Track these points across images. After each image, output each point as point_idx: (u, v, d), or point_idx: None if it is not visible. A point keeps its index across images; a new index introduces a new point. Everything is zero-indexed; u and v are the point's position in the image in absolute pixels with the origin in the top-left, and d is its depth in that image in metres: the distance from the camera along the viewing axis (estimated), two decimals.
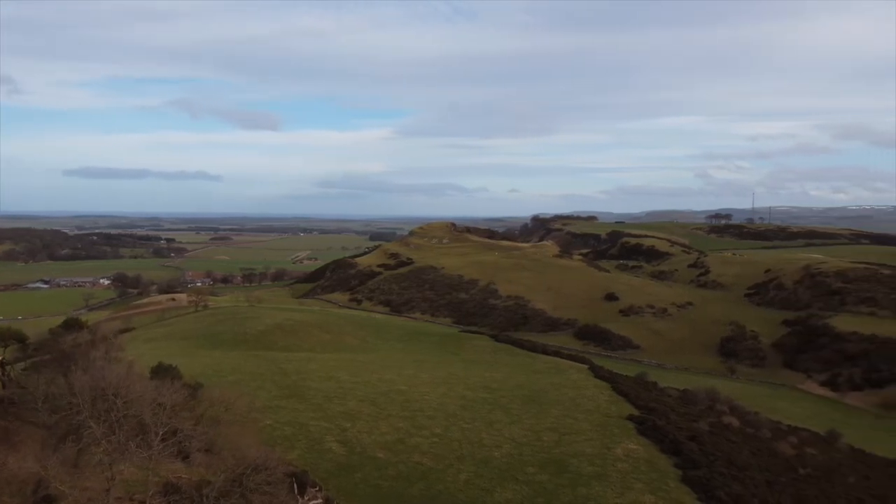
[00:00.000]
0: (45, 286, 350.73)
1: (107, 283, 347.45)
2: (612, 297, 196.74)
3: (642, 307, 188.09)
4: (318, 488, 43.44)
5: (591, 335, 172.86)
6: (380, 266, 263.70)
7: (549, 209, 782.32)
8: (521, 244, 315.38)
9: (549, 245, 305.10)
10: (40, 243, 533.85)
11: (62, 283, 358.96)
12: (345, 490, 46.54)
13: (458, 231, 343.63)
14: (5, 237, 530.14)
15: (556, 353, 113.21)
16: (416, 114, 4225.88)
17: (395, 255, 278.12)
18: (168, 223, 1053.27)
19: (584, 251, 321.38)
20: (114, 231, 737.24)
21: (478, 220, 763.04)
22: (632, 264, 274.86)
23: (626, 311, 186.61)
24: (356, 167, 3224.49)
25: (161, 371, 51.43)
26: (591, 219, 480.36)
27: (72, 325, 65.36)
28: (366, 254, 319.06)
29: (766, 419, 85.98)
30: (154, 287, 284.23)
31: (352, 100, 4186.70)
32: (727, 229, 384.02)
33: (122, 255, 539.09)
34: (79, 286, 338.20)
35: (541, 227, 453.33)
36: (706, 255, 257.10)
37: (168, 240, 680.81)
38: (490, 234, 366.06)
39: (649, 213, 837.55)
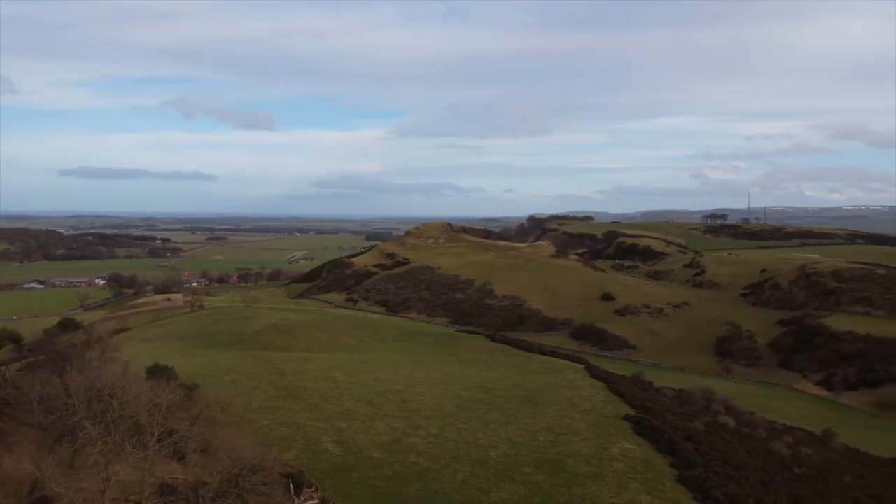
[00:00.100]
0: (40, 286, 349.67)
1: (102, 283, 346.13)
2: (608, 297, 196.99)
3: (638, 307, 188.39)
4: (314, 489, 43.42)
5: (588, 335, 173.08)
6: (376, 266, 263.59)
7: (545, 209, 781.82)
8: (517, 244, 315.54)
9: (546, 245, 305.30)
10: (35, 243, 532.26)
11: (57, 283, 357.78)
12: (341, 490, 46.51)
13: (454, 231, 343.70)
14: (0, 237, 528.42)
15: (553, 353, 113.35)
16: (412, 114, 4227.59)
17: (391, 255, 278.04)
18: (164, 223, 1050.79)
19: (581, 251, 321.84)
20: (109, 231, 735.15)
21: (474, 220, 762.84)
22: (628, 264, 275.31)
23: (622, 311, 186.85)
24: (352, 167, 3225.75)
25: (157, 371, 51.35)
26: (587, 219, 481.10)
27: (67, 325, 65.21)
28: (362, 254, 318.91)
29: (762, 419, 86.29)
30: (150, 287, 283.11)
31: (348, 100, 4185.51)
32: (723, 229, 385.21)
33: (117, 256, 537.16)
34: (74, 286, 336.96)
35: (537, 227, 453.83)
36: (702, 255, 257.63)
37: (164, 240, 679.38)
38: (486, 234, 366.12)
39: (645, 213, 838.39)
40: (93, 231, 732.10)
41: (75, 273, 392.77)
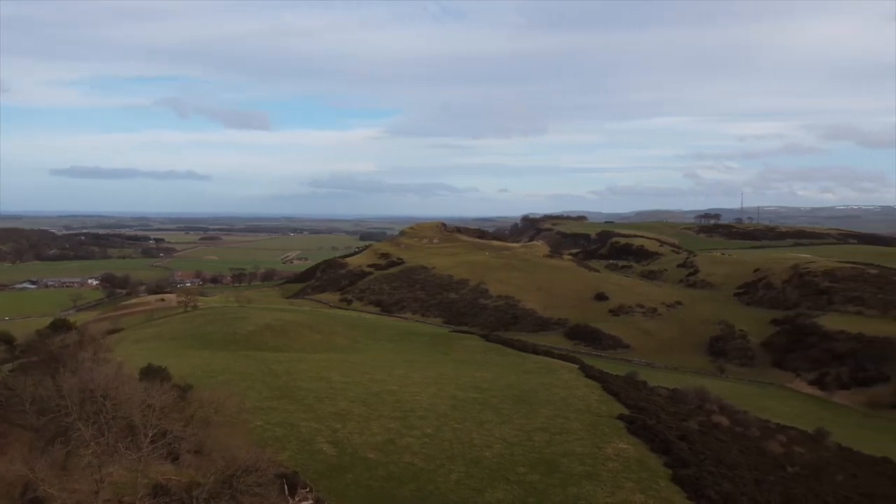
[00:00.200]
0: (32, 287, 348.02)
1: (95, 283, 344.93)
2: (602, 296, 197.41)
3: (632, 307, 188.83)
4: (308, 489, 43.29)
5: (582, 335, 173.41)
6: (370, 266, 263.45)
7: (538, 209, 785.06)
8: (511, 244, 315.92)
9: (539, 245, 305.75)
10: (27, 243, 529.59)
11: (50, 283, 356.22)
12: (336, 491, 46.45)
13: (448, 231, 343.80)
14: None
15: (547, 353, 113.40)
16: (406, 113, 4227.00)
17: (385, 255, 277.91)
18: (157, 223, 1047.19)
19: (574, 251, 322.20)
20: (102, 231, 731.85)
21: (468, 219, 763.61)
22: (622, 264, 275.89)
23: (616, 311, 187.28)
24: (346, 167, 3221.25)
25: (150, 372, 51.12)
26: (580, 219, 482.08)
27: (60, 325, 64.99)
28: (356, 254, 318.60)
29: (755, 418, 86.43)
30: (143, 287, 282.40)
31: (342, 99, 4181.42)
32: (716, 229, 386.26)
33: (110, 256, 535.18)
34: (67, 286, 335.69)
35: (531, 227, 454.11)
36: (695, 255, 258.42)
37: (157, 240, 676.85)
38: (480, 234, 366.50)
39: (639, 213, 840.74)
40: (85, 231, 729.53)
41: (68, 273, 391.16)
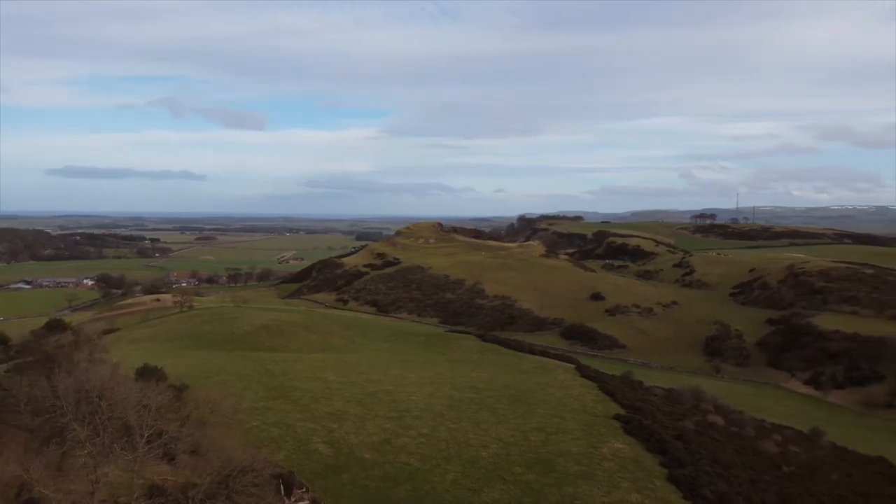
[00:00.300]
0: (27, 287, 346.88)
1: (90, 283, 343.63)
2: (598, 296, 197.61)
3: (628, 307, 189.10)
4: (304, 489, 43.32)
5: (578, 335, 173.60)
6: (366, 266, 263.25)
7: (535, 209, 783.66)
8: (507, 244, 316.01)
9: (536, 245, 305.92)
10: (22, 243, 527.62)
11: (45, 283, 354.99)
12: (332, 491, 46.44)
13: (444, 231, 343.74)
14: None
15: (543, 353, 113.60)
16: (402, 113, 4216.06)
17: (381, 255, 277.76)
18: (152, 223, 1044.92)
19: (570, 251, 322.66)
20: (97, 231, 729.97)
21: (464, 219, 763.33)
22: (617, 264, 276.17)
23: (612, 311, 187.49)
24: (342, 167, 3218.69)
25: (146, 372, 51.04)
26: (576, 219, 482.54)
27: (55, 326, 64.79)
28: (352, 254, 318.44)
29: (751, 418, 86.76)
30: (138, 287, 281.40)
31: (337, 99, 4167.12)
32: (712, 229, 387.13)
33: (105, 256, 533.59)
34: (62, 287, 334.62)
35: (527, 227, 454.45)
36: (691, 255, 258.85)
37: (152, 240, 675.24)
38: (476, 233, 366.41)
39: (635, 213, 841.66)
40: (81, 231, 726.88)
41: (63, 273, 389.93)
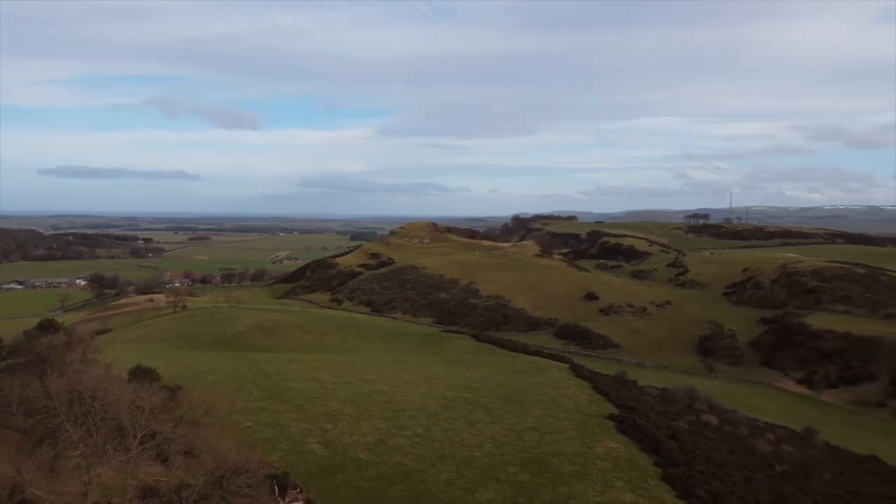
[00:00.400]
0: (19, 287, 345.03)
1: (83, 283, 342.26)
2: (592, 296, 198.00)
3: (622, 306, 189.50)
4: (299, 490, 43.19)
5: (572, 334, 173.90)
6: (361, 266, 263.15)
7: (529, 209, 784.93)
8: (501, 244, 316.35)
9: (530, 245, 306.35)
10: (14, 243, 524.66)
11: (37, 283, 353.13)
12: (326, 491, 46.35)
13: (439, 231, 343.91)
14: None
15: (537, 353, 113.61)
16: (396, 113, 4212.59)
17: (376, 255, 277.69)
18: (145, 223, 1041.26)
19: (565, 251, 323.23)
20: (90, 231, 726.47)
21: (459, 219, 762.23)
22: (611, 264, 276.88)
23: (605, 311, 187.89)
24: (337, 167, 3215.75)
25: (139, 373, 50.84)
26: (571, 219, 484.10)
27: (47, 326, 64.25)
28: (346, 254, 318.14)
29: (744, 417, 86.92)
30: (131, 288, 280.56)
31: (332, 99, 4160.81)
32: (705, 229, 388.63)
33: (98, 256, 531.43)
34: (54, 287, 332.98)
35: (521, 226, 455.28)
36: (685, 255, 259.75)
37: (146, 240, 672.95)
38: (471, 233, 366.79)
39: (629, 213, 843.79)
40: (73, 231, 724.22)
41: (55, 273, 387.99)
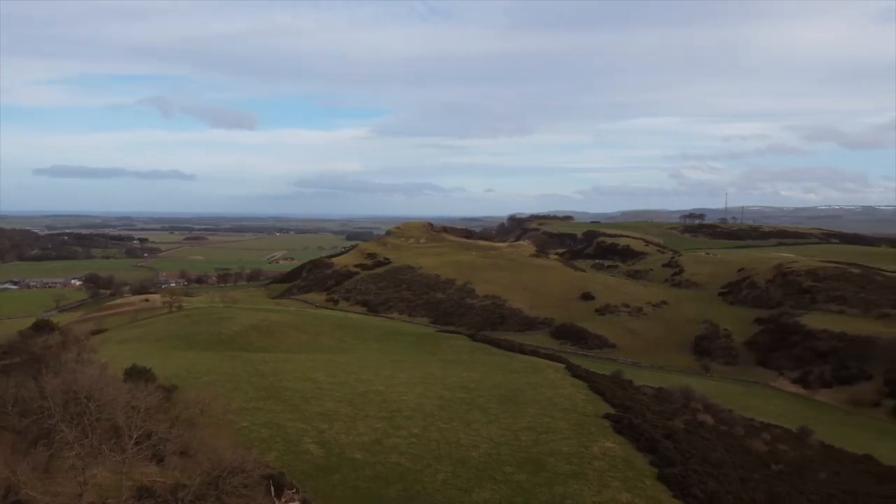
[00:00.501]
0: (14, 287, 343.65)
1: (78, 283, 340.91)
2: (588, 296, 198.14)
3: (618, 306, 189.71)
4: (295, 490, 43.16)
5: (568, 334, 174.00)
6: (357, 266, 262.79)
7: (525, 209, 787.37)
8: (497, 244, 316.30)
9: (526, 245, 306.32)
10: (9, 243, 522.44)
11: (32, 283, 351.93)
12: (322, 491, 46.31)
13: (435, 231, 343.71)
14: None
15: (533, 353, 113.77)
16: (393, 113, 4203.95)
17: (372, 255, 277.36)
18: (141, 223, 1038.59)
19: (561, 251, 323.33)
20: (85, 231, 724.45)
21: (455, 219, 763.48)
22: (607, 264, 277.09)
23: (602, 311, 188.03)
24: (333, 167, 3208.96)
25: (135, 373, 50.72)
26: (567, 218, 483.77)
27: (42, 326, 64.10)
28: (342, 254, 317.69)
29: (740, 417, 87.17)
30: (127, 288, 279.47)
31: (330, 99, 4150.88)
32: (701, 229, 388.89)
33: (93, 256, 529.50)
34: (49, 287, 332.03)
35: (517, 226, 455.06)
36: (680, 255, 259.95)
37: (141, 240, 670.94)
38: (467, 233, 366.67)
39: (625, 213, 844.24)
40: (68, 231, 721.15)
41: (50, 274, 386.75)
